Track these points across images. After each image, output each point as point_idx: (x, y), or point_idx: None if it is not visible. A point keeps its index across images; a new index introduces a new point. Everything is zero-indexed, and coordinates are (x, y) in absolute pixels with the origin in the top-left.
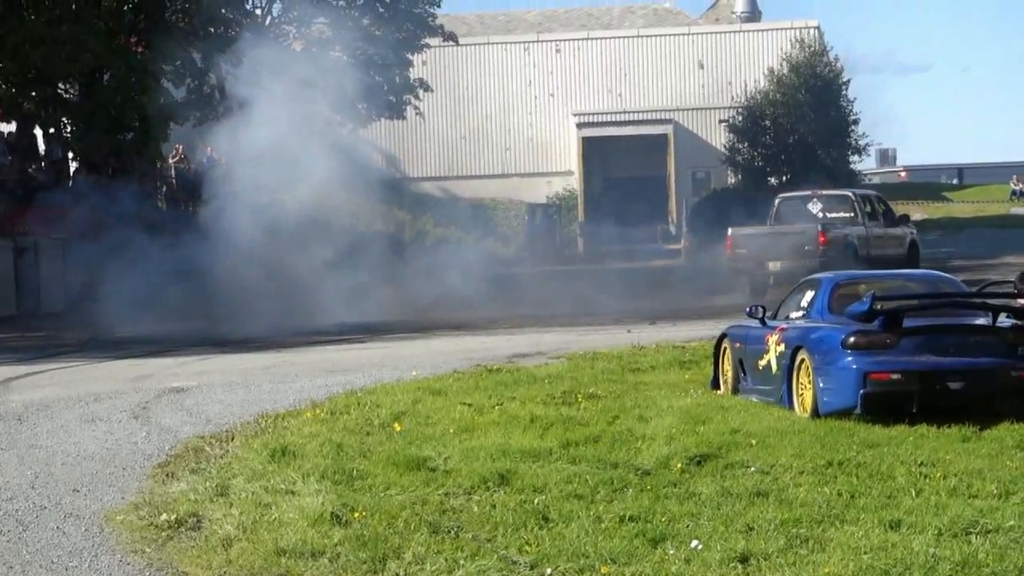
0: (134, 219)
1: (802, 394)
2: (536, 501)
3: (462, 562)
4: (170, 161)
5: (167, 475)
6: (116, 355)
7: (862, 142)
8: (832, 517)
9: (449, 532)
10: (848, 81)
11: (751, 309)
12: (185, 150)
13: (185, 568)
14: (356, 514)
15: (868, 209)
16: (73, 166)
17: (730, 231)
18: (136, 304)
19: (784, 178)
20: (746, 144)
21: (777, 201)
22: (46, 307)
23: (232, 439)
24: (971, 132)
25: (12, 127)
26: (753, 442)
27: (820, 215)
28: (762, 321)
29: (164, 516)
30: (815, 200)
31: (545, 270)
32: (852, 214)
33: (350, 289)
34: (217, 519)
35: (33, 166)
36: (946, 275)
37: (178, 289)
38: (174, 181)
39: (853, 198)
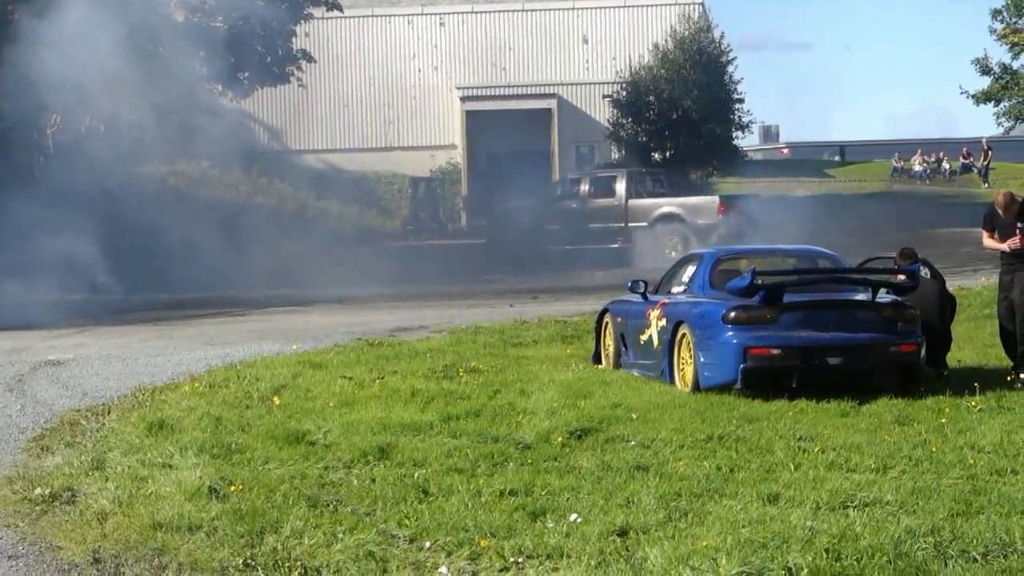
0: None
1: (683, 369)
2: (416, 475)
3: (341, 536)
4: (48, 131)
5: (42, 449)
6: None
7: (746, 119)
8: (711, 491)
9: (328, 506)
10: (734, 58)
11: (632, 284)
12: (60, 120)
13: (59, 542)
14: (234, 488)
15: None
16: None
17: None
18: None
19: (668, 154)
20: (630, 119)
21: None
22: None
23: (109, 412)
24: (853, 110)
25: None
26: (634, 416)
27: None
28: (644, 296)
29: (38, 490)
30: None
31: (427, 244)
32: None
33: (230, 262)
34: (92, 493)
35: None
36: (826, 251)
37: (54, 261)
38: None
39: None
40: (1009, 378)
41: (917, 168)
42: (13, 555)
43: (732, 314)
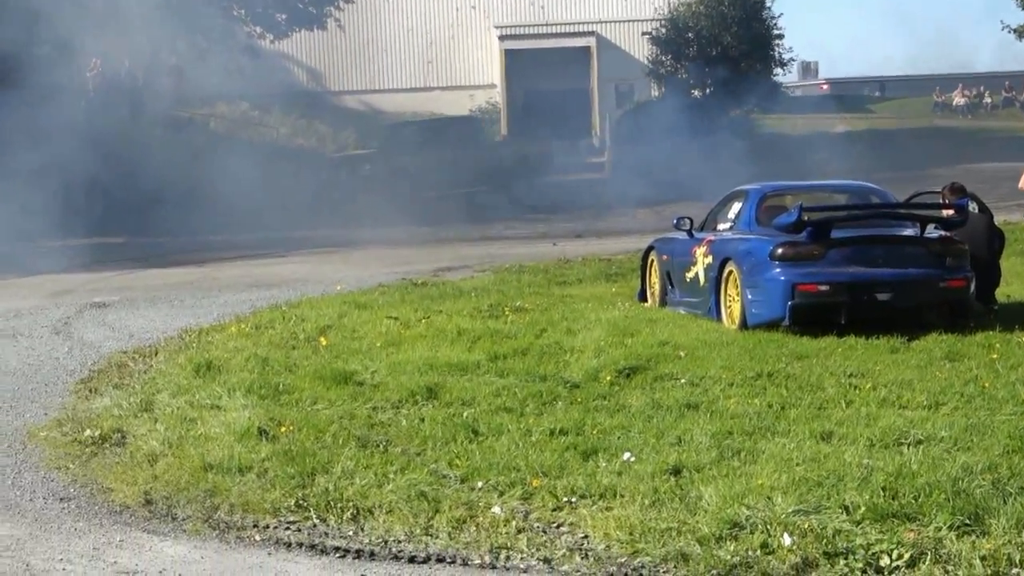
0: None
1: (730, 306)
2: (465, 415)
3: (392, 476)
4: (88, 74)
5: (90, 391)
6: (35, 271)
7: (785, 55)
8: (763, 429)
9: (378, 446)
10: None
11: (678, 221)
12: (101, 64)
13: (110, 484)
14: (283, 429)
15: None
16: None
17: None
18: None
19: (707, 91)
20: (669, 57)
21: None
22: None
23: (156, 354)
24: (894, 45)
25: None
26: (682, 354)
27: None
28: (689, 233)
29: (88, 432)
30: None
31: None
32: None
33: (271, 204)
34: (142, 435)
35: None
36: (874, 186)
37: (95, 205)
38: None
39: None
40: None
41: (959, 102)
42: (65, 497)
43: (779, 251)
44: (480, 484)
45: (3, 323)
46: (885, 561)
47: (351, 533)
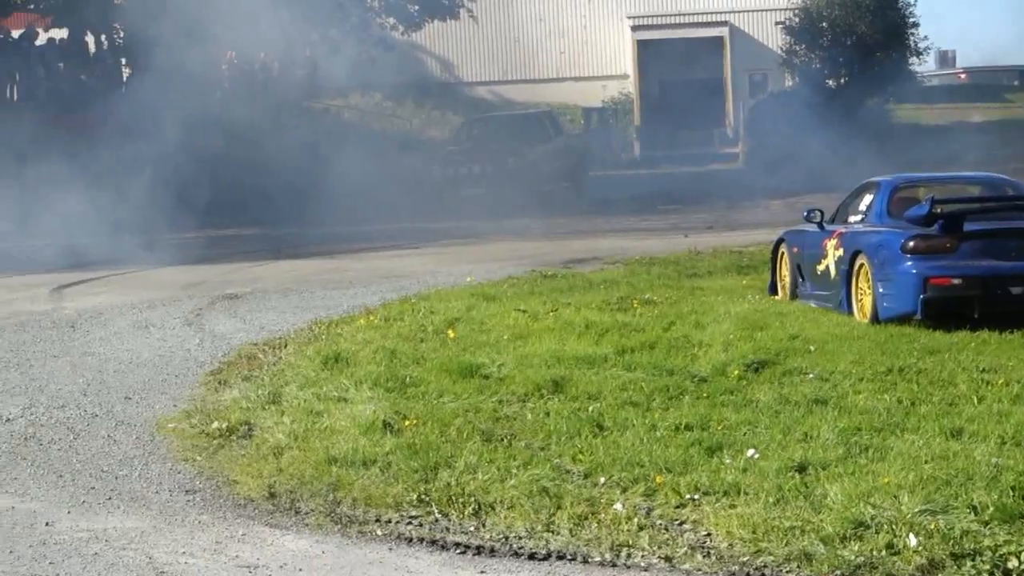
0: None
1: (861, 299)
2: (591, 408)
3: (515, 471)
4: (223, 68)
5: (219, 382)
6: (169, 262)
7: (921, 44)
8: (892, 425)
9: (502, 440)
10: None
11: (808, 213)
12: (235, 56)
13: (235, 476)
14: (408, 422)
15: None
16: (126, 72)
17: None
18: (187, 211)
19: (842, 80)
20: (803, 46)
21: None
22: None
23: (285, 346)
24: None
25: (64, 33)
26: (812, 348)
27: None
28: (820, 225)
29: (215, 424)
30: None
31: (598, 175)
32: None
33: (402, 195)
34: (268, 427)
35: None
36: (1008, 178)
37: (229, 197)
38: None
39: None
40: None
41: None
42: (190, 489)
43: (911, 243)
44: (603, 480)
45: (136, 315)
46: (1013, 563)
47: (472, 529)
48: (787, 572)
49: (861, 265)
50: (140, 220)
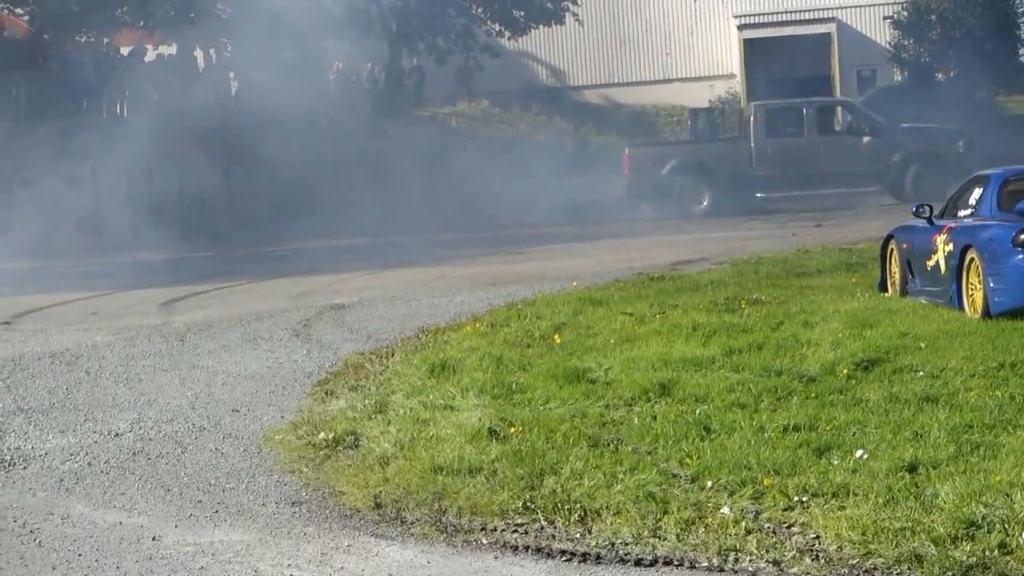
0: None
1: (972, 294)
2: (698, 411)
3: (621, 476)
4: (331, 76)
5: (326, 393)
6: (278, 273)
7: None
8: (1004, 422)
9: (608, 445)
10: None
11: (917, 208)
12: (342, 67)
13: (341, 487)
14: (514, 429)
15: None
16: (234, 86)
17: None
18: (297, 220)
19: (952, 74)
20: (912, 40)
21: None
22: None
23: (392, 355)
24: None
25: (173, 49)
26: (922, 345)
27: None
28: (929, 220)
29: (322, 435)
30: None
31: None
32: None
33: (512, 200)
34: (375, 437)
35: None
36: None
37: (337, 206)
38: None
39: None
40: None
41: None
42: (297, 501)
43: (1022, 237)
44: (710, 483)
45: (245, 327)
46: None
47: (578, 535)
48: (897, 574)
49: (971, 259)
50: (254, 234)
